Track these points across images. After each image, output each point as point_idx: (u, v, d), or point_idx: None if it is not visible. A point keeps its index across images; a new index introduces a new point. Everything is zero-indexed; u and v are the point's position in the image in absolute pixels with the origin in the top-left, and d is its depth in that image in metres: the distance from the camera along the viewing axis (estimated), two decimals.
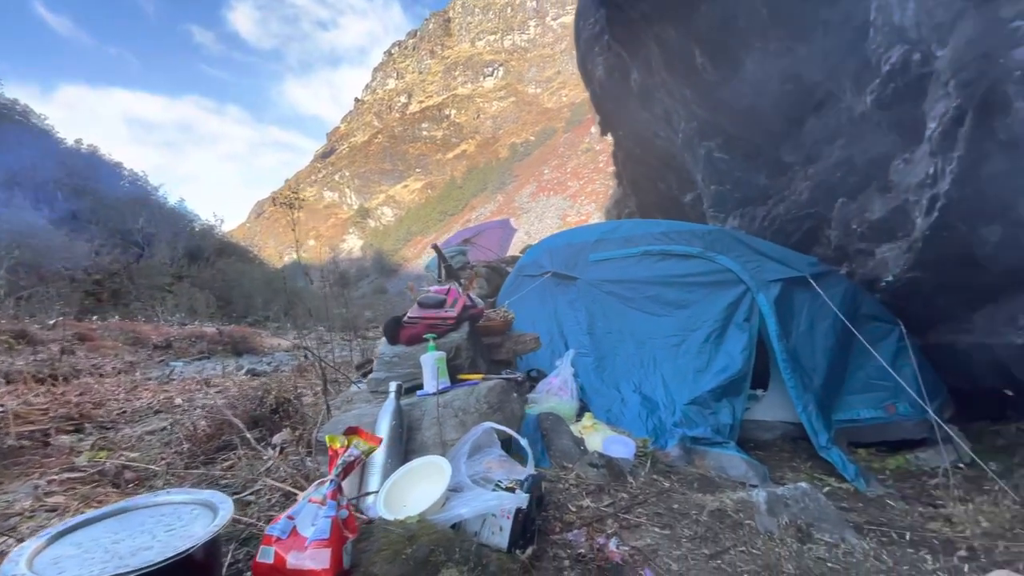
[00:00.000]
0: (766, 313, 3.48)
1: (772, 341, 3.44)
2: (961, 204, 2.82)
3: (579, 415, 3.10)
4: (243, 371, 6.21)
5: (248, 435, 2.48)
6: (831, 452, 3.12)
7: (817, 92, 3.44)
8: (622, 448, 2.57)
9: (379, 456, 1.82)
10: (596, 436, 2.74)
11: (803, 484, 2.19)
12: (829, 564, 1.73)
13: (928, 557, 1.83)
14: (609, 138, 7.71)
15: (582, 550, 1.68)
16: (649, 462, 2.63)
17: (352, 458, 1.34)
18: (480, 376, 2.39)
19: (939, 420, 3.05)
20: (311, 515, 1.27)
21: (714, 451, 3.13)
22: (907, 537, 2.01)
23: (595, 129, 11.26)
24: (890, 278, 3.48)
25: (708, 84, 3.99)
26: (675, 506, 2.07)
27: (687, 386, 3.50)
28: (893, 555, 1.83)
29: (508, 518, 1.59)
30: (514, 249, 7.43)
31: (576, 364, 3.88)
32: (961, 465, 3.14)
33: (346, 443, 1.36)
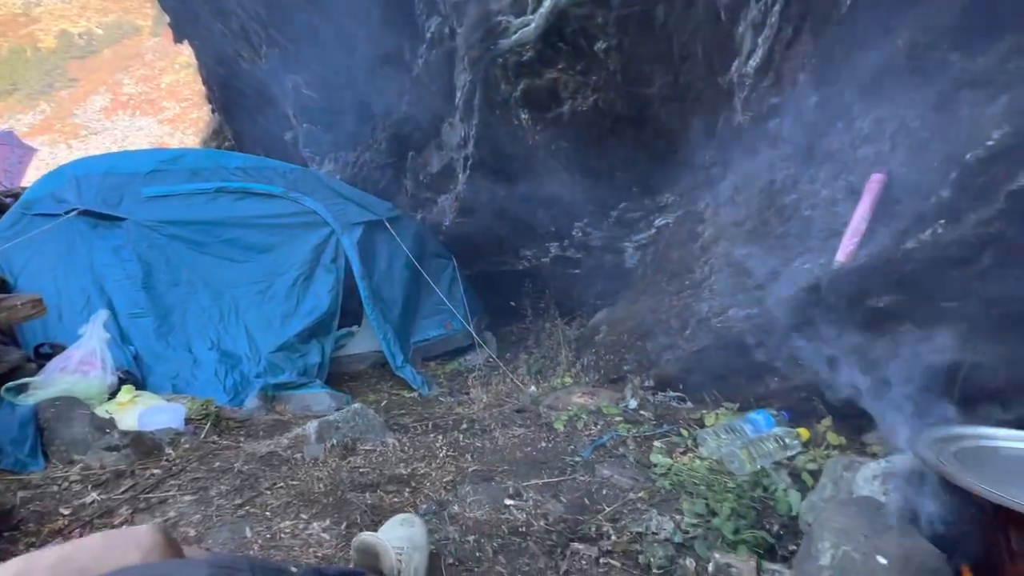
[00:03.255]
0: (350, 254, 3.64)
1: (357, 280, 3.66)
2: (482, 164, 3.62)
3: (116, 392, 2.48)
4: None
5: None
6: (404, 369, 3.64)
7: (385, 45, 3.67)
8: (166, 417, 2.21)
9: None
10: (134, 411, 2.25)
11: (356, 405, 2.44)
12: (361, 470, 1.97)
13: (440, 437, 2.36)
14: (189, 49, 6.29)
15: None
16: (209, 423, 2.37)
17: None
18: None
19: (473, 331, 4.03)
20: None
21: (299, 393, 3.14)
22: (430, 425, 2.53)
23: None
24: (447, 223, 4.24)
25: (283, 6, 3.67)
26: (217, 464, 1.92)
27: (274, 333, 3.36)
28: (415, 444, 2.26)
29: None
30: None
31: (127, 328, 3.12)
32: (491, 360, 4.24)
33: None
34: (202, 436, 2.25)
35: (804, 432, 1.96)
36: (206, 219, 3.43)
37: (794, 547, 1.45)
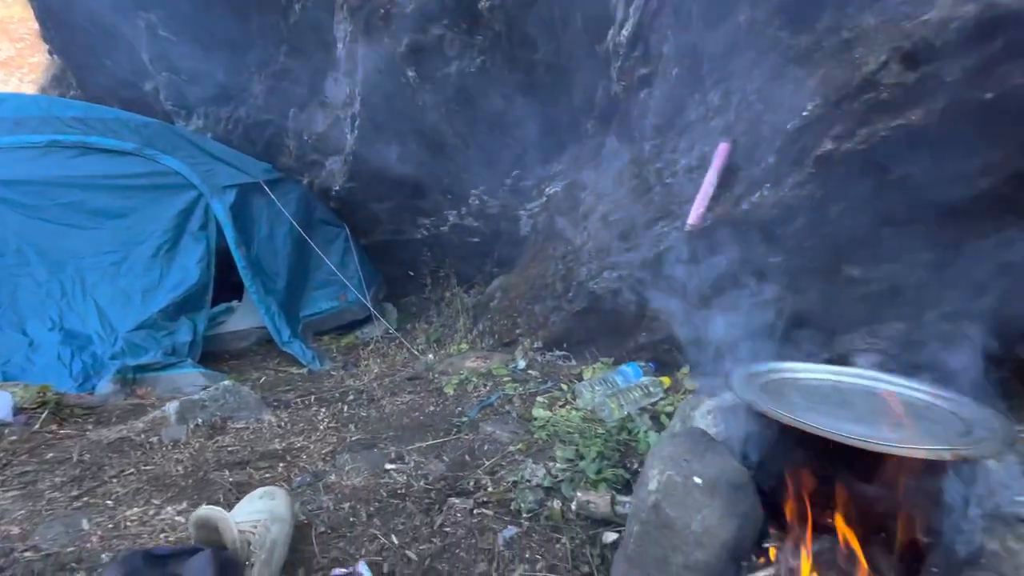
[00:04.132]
0: (223, 221, 3.32)
1: (232, 250, 3.35)
2: (372, 124, 3.43)
3: None
4: None
5: None
6: (291, 345, 3.44)
7: None
8: None
9: None
10: None
11: (227, 382, 2.27)
12: (230, 448, 1.85)
13: (323, 410, 2.28)
14: None
15: None
16: (47, 411, 2.08)
17: None
18: None
19: (369, 303, 3.90)
20: None
21: (166, 374, 2.87)
22: (313, 399, 2.43)
23: None
24: (337, 187, 4.00)
25: None
26: (51, 456, 1.70)
27: (133, 309, 3.00)
28: (295, 419, 2.16)
29: None
30: None
31: None
32: (390, 331, 4.14)
33: None
34: (36, 426, 1.97)
35: (666, 380, 2.15)
36: (36, 178, 2.94)
37: None
